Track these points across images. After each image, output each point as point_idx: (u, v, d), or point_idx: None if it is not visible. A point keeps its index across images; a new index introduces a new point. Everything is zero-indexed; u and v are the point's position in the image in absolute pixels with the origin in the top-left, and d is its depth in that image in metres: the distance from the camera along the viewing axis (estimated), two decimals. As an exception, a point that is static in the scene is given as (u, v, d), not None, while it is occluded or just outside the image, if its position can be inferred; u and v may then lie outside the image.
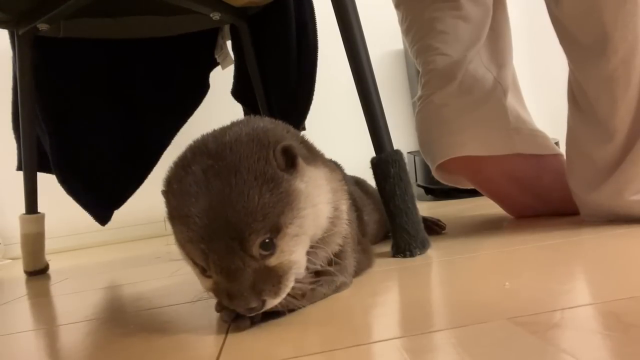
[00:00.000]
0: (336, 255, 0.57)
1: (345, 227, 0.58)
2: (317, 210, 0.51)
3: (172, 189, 0.48)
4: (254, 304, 0.44)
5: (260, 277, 0.44)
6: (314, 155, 0.57)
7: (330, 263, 0.56)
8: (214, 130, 0.52)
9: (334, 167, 0.62)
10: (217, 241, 0.44)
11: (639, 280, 0.47)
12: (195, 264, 0.48)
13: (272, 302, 0.45)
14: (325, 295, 0.55)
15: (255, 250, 0.45)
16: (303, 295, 0.51)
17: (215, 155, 0.47)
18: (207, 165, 0.46)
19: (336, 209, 0.55)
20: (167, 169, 0.51)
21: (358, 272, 0.63)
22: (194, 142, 0.51)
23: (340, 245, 0.57)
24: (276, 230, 0.45)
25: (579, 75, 0.78)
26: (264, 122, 0.54)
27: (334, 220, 0.54)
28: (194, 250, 0.46)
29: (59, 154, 1.21)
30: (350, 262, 0.60)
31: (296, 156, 0.49)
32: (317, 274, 0.55)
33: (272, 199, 0.45)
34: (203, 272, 0.48)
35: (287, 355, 0.38)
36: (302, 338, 0.43)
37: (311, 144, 0.61)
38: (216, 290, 0.46)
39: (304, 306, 0.52)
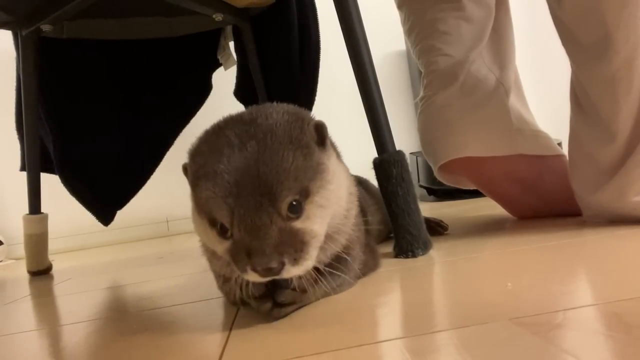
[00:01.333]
0: (342, 254, 0.57)
1: (351, 227, 0.58)
2: (340, 192, 0.51)
3: (201, 150, 0.49)
4: (274, 264, 0.42)
5: (285, 238, 0.44)
6: (337, 153, 0.58)
7: (335, 260, 0.56)
8: (245, 109, 0.53)
9: (349, 172, 0.62)
10: (246, 196, 0.43)
11: (641, 281, 0.47)
12: (212, 225, 0.47)
13: (290, 270, 0.44)
14: (328, 293, 0.55)
15: (284, 209, 0.44)
16: (305, 290, 0.51)
17: (251, 122, 0.48)
18: (242, 129, 0.47)
19: (347, 209, 0.55)
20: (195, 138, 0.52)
21: (365, 273, 0.63)
22: (225, 116, 0.52)
23: (345, 246, 0.57)
24: (305, 194, 0.45)
25: (581, 76, 0.78)
26: (293, 106, 0.55)
27: (343, 220, 0.55)
28: (218, 206, 0.44)
29: (62, 154, 1.22)
30: (356, 263, 0.60)
31: (326, 135, 0.51)
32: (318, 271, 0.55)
33: (305, 164, 0.46)
34: (222, 233, 0.46)
35: (290, 354, 0.39)
36: (304, 338, 0.43)
37: (335, 144, 0.61)
38: (234, 250, 0.45)
39: (307, 302, 0.52)
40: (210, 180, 0.45)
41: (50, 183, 1.26)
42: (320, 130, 0.50)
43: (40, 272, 1.23)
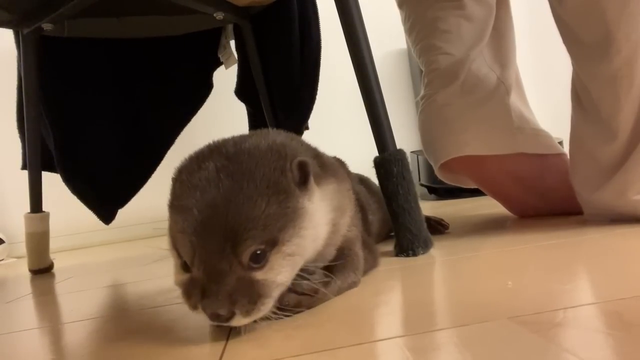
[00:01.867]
0: (344, 254, 0.57)
1: (346, 229, 0.58)
2: (317, 232, 0.50)
3: (181, 179, 0.48)
4: (222, 312, 0.42)
5: (241, 287, 0.43)
6: (325, 170, 0.56)
7: (340, 260, 0.56)
8: (234, 136, 0.52)
9: (342, 176, 0.61)
10: (210, 238, 0.43)
11: (641, 279, 0.47)
12: (178, 256, 0.47)
13: (239, 320, 0.43)
14: (337, 292, 0.55)
15: (246, 257, 0.43)
16: (316, 292, 0.51)
17: (232, 158, 0.47)
18: (222, 164, 0.46)
19: (334, 224, 0.55)
20: (180, 161, 0.51)
21: (365, 271, 0.63)
22: (214, 142, 0.51)
23: (343, 246, 0.58)
24: (272, 243, 0.44)
25: (582, 75, 0.78)
26: (282, 136, 0.54)
27: (330, 236, 0.54)
28: (183, 242, 0.44)
29: (64, 153, 1.22)
30: (360, 262, 0.60)
31: (309, 174, 0.49)
32: (329, 273, 0.55)
33: (278, 212, 0.45)
34: (184, 267, 0.46)
35: (290, 353, 0.39)
36: (305, 336, 0.43)
37: (323, 156, 0.60)
38: (188, 285, 0.44)
39: (318, 303, 0.52)
40: (181, 214, 0.45)
41: (52, 182, 1.26)
42: (303, 169, 0.48)
43: (42, 270, 1.23)
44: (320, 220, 0.51)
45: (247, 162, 0.46)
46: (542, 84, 2.00)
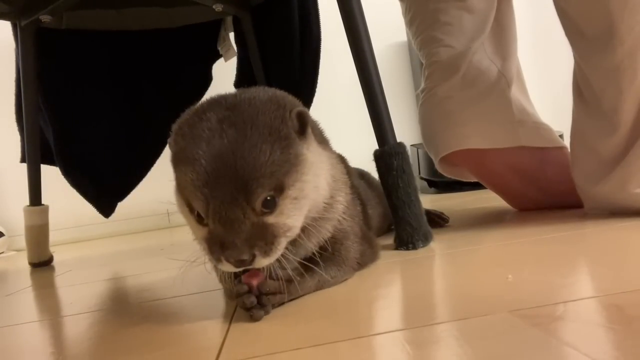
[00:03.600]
0: (333, 247, 0.57)
1: (339, 215, 0.58)
2: (318, 181, 0.51)
3: (183, 132, 0.49)
4: (245, 256, 0.44)
5: (256, 232, 0.45)
6: (323, 139, 0.58)
7: (328, 251, 0.56)
8: (232, 91, 0.53)
9: (340, 159, 0.62)
10: (222, 189, 0.44)
11: (642, 273, 0.47)
12: (191, 211, 0.48)
13: (261, 261, 0.45)
14: (321, 285, 0.55)
15: (258, 205, 0.45)
16: (289, 281, 0.51)
17: (233, 107, 0.48)
18: (224, 115, 0.47)
19: (332, 196, 0.56)
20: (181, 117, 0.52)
21: (363, 265, 0.62)
22: (211, 96, 0.52)
23: (335, 235, 0.57)
24: (280, 189, 0.46)
25: (585, 67, 0.77)
26: (279, 92, 0.55)
27: (327, 207, 0.55)
28: (194, 195, 0.45)
29: (62, 146, 1.21)
30: (349, 257, 0.59)
31: (307, 123, 0.51)
32: (311, 262, 0.54)
33: (282, 158, 0.46)
34: (199, 219, 0.47)
35: (290, 346, 0.39)
36: (304, 330, 0.43)
37: (322, 130, 0.62)
38: (210, 240, 0.46)
39: (296, 294, 0.52)
40: (189, 166, 0.46)
41: (51, 175, 1.26)
42: (301, 119, 0.50)
43: (41, 263, 1.23)
44: (319, 170, 0.52)
45: (249, 111, 0.47)
46: (543, 77, 1.99)
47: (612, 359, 0.29)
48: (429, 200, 1.57)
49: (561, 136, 0.99)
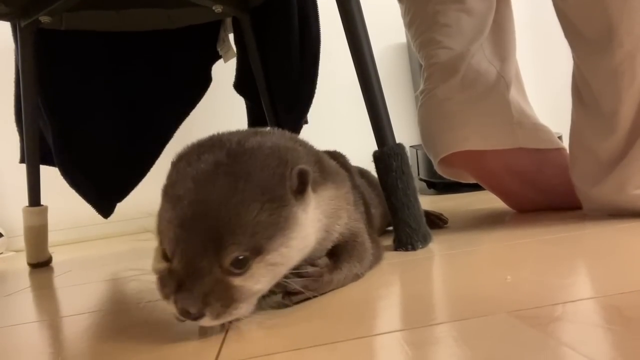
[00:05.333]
0: (349, 245, 0.57)
1: (344, 227, 0.58)
2: (306, 242, 0.49)
3: (179, 166, 0.47)
4: (193, 310, 0.41)
5: (216, 290, 0.42)
6: (324, 176, 0.55)
7: (347, 251, 0.57)
8: (239, 131, 0.51)
9: (341, 179, 0.60)
10: (195, 234, 0.42)
11: (640, 274, 0.47)
12: (161, 243, 0.46)
13: (208, 321, 0.42)
14: (343, 282, 0.55)
15: (227, 262, 0.42)
16: (321, 275, 0.51)
17: (233, 155, 0.46)
18: (222, 161, 0.45)
19: (327, 230, 0.54)
20: (177, 154, 0.50)
21: (372, 266, 0.63)
22: (218, 134, 0.51)
23: (346, 239, 0.58)
24: (257, 252, 0.43)
25: (584, 69, 0.78)
26: (286, 138, 0.53)
27: (321, 240, 0.54)
28: (167, 232, 0.44)
29: (62, 146, 1.21)
30: (367, 253, 0.60)
31: (308, 183, 0.48)
32: (335, 261, 0.55)
33: (269, 220, 0.44)
34: (164, 256, 0.45)
35: (289, 347, 0.39)
36: (303, 330, 0.43)
37: (324, 159, 0.59)
38: (166, 276, 0.43)
39: (324, 288, 0.52)
40: (171, 203, 0.44)
41: (50, 175, 1.26)
42: (302, 177, 0.47)
43: (40, 264, 1.23)
44: (311, 229, 0.50)
45: (248, 162, 0.45)
46: (542, 79, 2.00)
47: (611, 359, 0.29)
48: (428, 202, 1.57)
49: (560, 137, 0.99)
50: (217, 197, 0.43)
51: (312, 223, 0.50)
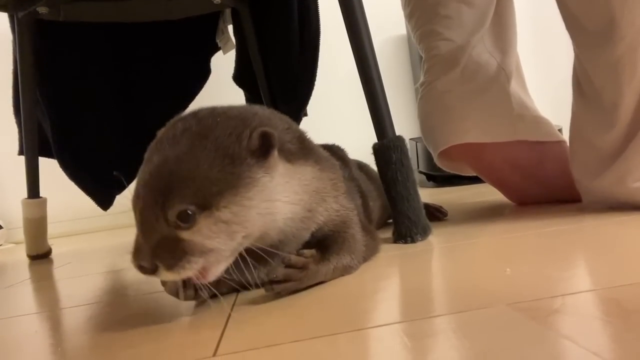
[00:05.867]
0: (340, 236, 0.57)
1: (333, 214, 0.57)
2: (272, 207, 0.48)
3: (157, 135, 0.50)
4: (145, 263, 0.43)
5: (166, 244, 0.44)
6: (306, 153, 0.55)
7: (337, 242, 0.56)
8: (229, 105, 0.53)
9: (330, 166, 0.60)
10: (149, 192, 0.44)
11: (639, 266, 0.47)
12: None
13: (164, 274, 0.44)
14: (332, 274, 0.55)
15: (172, 215, 0.43)
16: (306, 266, 0.51)
17: (200, 120, 0.48)
18: (189, 125, 0.47)
19: (309, 210, 0.54)
20: None
21: (367, 257, 0.62)
22: (202, 107, 0.52)
23: (336, 229, 0.57)
24: (203, 206, 0.44)
25: (585, 61, 0.77)
26: (264, 110, 0.54)
27: (304, 220, 0.53)
28: (134, 194, 0.46)
29: (60, 138, 1.21)
30: (358, 245, 0.59)
31: (272, 146, 0.48)
32: (324, 252, 0.55)
33: (218, 176, 0.45)
34: None
35: (288, 338, 0.39)
36: (303, 322, 0.43)
37: (309, 141, 0.59)
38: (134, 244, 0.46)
39: (308, 282, 0.52)
40: (142, 168, 0.47)
41: (50, 167, 1.26)
42: (265, 139, 0.47)
43: (40, 256, 1.23)
44: (279, 197, 0.49)
45: (211, 125, 0.47)
46: (543, 71, 1.99)
47: (610, 352, 0.29)
48: (427, 194, 1.57)
49: (560, 130, 0.99)
50: (174, 155, 0.45)
51: (281, 191, 0.49)
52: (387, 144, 0.75)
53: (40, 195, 1.25)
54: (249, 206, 0.46)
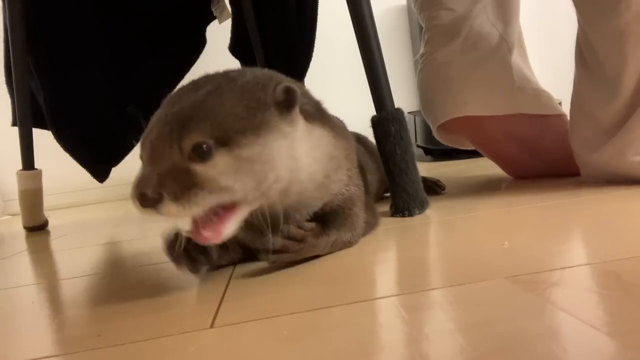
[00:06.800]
0: (343, 212, 0.57)
1: (343, 188, 0.57)
2: (294, 158, 0.47)
3: (174, 90, 0.49)
4: (148, 191, 0.40)
5: (175, 174, 0.41)
6: (322, 117, 0.55)
7: (338, 218, 0.56)
8: None
9: (344, 136, 0.59)
10: (165, 124, 0.43)
11: (638, 240, 0.47)
12: None
13: (168, 206, 0.40)
14: (330, 247, 0.54)
15: (187, 145, 0.41)
16: (303, 239, 0.50)
17: (225, 74, 0.47)
18: (214, 77, 0.47)
19: (327, 176, 0.53)
20: None
21: (366, 233, 0.62)
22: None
23: (341, 204, 0.57)
24: (223, 142, 0.42)
25: (589, 31, 0.76)
26: (284, 75, 0.53)
27: (319, 187, 0.53)
28: (147, 129, 0.44)
29: (54, 109, 1.19)
30: (359, 222, 0.59)
31: (295, 101, 0.47)
32: (324, 226, 0.54)
33: (242, 114, 0.44)
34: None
35: (285, 311, 0.39)
36: (300, 294, 0.43)
37: (325, 109, 0.59)
38: (136, 178, 0.42)
39: (307, 254, 0.51)
40: (160, 108, 0.46)
41: (45, 139, 1.24)
42: (289, 93, 0.46)
43: (36, 227, 1.23)
44: (302, 151, 0.48)
45: (236, 76, 0.47)
46: (545, 43, 1.96)
47: (608, 325, 0.29)
48: (425, 169, 1.56)
49: (560, 104, 0.98)
50: (196, 96, 0.44)
51: (303, 146, 0.48)
52: (385, 117, 0.74)
53: (37, 167, 1.24)
54: (271, 149, 0.44)
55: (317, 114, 0.54)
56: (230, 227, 0.44)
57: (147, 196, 0.40)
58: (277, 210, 0.49)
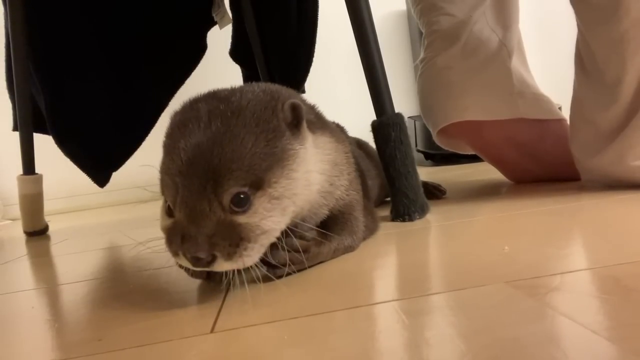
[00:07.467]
0: (343, 217, 0.57)
1: (344, 192, 0.57)
2: (310, 178, 0.48)
3: (175, 119, 0.48)
4: (202, 254, 0.40)
5: (222, 230, 0.41)
6: (322, 124, 0.55)
7: (338, 223, 0.56)
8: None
9: (342, 138, 0.60)
10: (192, 178, 0.41)
11: (639, 245, 0.47)
12: (165, 200, 0.45)
13: (222, 264, 0.41)
14: (333, 254, 0.55)
15: (226, 200, 0.41)
16: (307, 250, 0.51)
17: (224, 99, 0.46)
18: (214, 106, 0.45)
19: (331, 184, 0.54)
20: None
21: (366, 238, 0.62)
22: (213, 89, 0.51)
23: (342, 209, 0.57)
24: (257, 186, 0.42)
25: (589, 37, 0.76)
26: (274, 86, 0.53)
27: (325, 195, 0.53)
28: (166, 184, 0.43)
29: (55, 114, 1.19)
30: (359, 226, 0.59)
31: (302, 117, 0.48)
32: (325, 233, 0.55)
33: (266, 151, 0.43)
34: (169, 211, 0.45)
35: (286, 315, 0.39)
36: (301, 299, 0.43)
37: (322, 115, 0.60)
38: (172, 230, 0.43)
39: (310, 262, 0.51)
40: (169, 155, 0.44)
41: (46, 144, 1.25)
42: (295, 110, 0.47)
43: (37, 232, 1.23)
44: (313, 166, 0.49)
45: (239, 101, 0.45)
46: (544, 48, 1.97)
47: (608, 329, 0.29)
48: (425, 173, 1.57)
49: (560, 108, 0.98)
50: (210, 137, 0.43)
51: (313, 160, 0.49)
52: (386, 121, 0.74)
53: (37, 172, 1.24)
54: (295, 178, 0.45)
55: (317, 122, 0.54)
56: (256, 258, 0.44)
57: (201, 259, 0.40)
58: (289, 224, 0.49)
